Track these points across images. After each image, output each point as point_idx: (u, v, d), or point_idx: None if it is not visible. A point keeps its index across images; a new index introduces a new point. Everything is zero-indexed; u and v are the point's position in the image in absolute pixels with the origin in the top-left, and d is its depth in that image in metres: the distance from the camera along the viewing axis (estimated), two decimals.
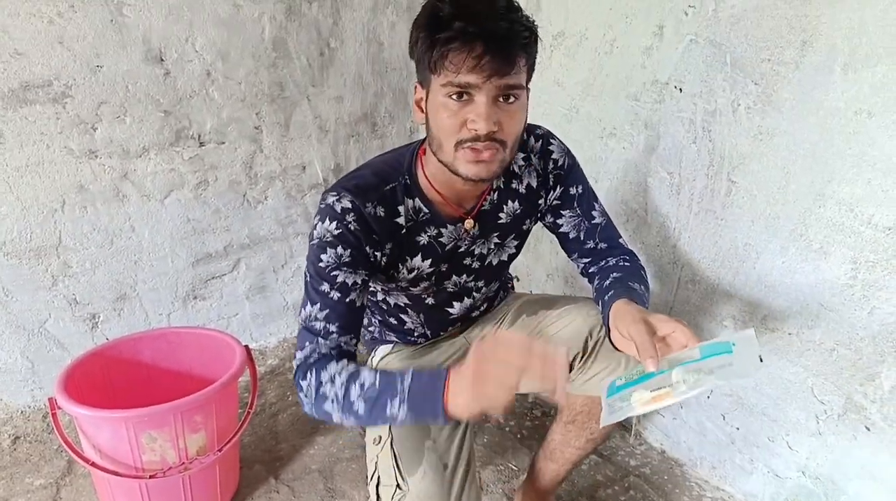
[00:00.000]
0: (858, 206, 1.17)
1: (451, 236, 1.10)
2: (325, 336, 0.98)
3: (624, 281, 1.09)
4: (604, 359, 1.14)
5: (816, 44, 1.17)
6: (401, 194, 1.04)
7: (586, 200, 1.19)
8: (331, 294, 0.99)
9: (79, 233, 1.73)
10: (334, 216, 0.98)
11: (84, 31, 1.58)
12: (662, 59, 1.44)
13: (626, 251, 1.21)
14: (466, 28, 0.84)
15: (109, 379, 1.49)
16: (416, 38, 0.92)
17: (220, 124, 1.85)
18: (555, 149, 1.15)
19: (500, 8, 0.87)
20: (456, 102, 0.90)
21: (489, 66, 0.86)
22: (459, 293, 1.22)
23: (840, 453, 1.31)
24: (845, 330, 1.24)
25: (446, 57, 0.87)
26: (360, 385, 0.90)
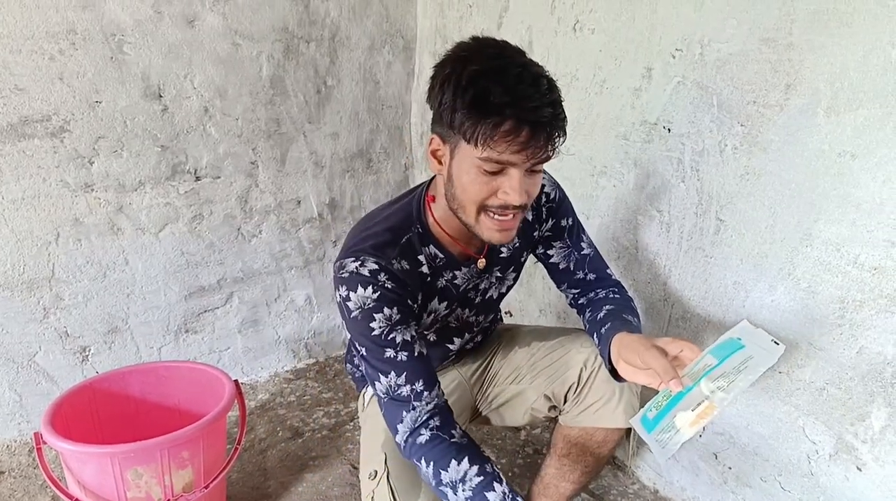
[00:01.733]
0: (845, 246, 1.18)
1: (465, 277, 1.12)
2: (417, 398, 0.97)
3: (618, 314, 1.10)
4: (598, 390, 1.15)
5: (800, 87, 1.20)
6: (417, 244, 1.05)
7: (576, 232, 1.22)
8: (398, 357, 0.98)
9: (72, 265, 1.73)
10: (366, 281, 0.96)
11: (84, 68, 1.61)
12: (651, 100, 1.47)
13: (614, 283, 1.22)
14: (518, 115, 0.84)
15: (97, 414, 1.48)
16: (451, 106, 0.88)
17: (217, 159, 1.87)
18: (546, 182, 1.18)
19: (544, 93, 0.87)
20: (490, 174, 0.91)
21: (533, 150, 0.87)
22: (461, 328, 1.22)
23: (832, 493, 1.30)
24: (834, 369, 1.24)
25: (493, 137, 0.86)
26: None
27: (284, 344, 2.24)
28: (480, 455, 0.96)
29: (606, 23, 1.54)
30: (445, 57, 0.91)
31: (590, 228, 1.67)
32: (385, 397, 0.99)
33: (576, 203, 1.70)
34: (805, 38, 1.17)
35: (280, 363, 2.25)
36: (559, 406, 1.21)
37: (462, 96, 0.86)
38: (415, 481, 1.06)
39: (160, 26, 1.68)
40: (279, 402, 2.05)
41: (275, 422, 1.94)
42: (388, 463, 1.09)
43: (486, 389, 1.31)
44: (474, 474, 0.92)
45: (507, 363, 1.29)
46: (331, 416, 1.97)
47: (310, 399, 2.07)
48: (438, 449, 0.95)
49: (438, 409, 0.98)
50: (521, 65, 0.87)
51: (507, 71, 0.85)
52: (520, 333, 1.33)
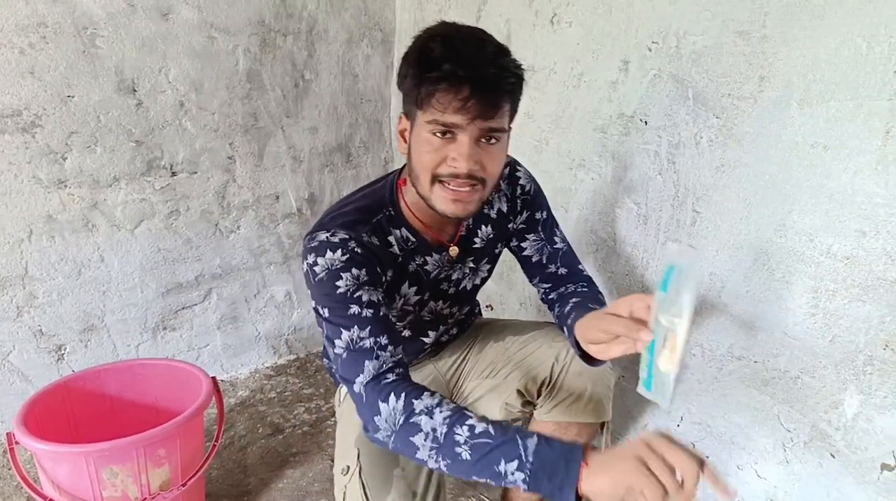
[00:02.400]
0: (818, 236, 1.20)
1: (436, 264, 1.11)
2: (382, 349, 0.91)
3: (583, 305, 1.11)
4: (570, 385, 1.15)
5: (773, 80, 1.21)
6: (387, 226, 1.05)
7: (549, 226, 1.22)
8: (363, 313, 0.93)
9: (46, 263, 1.70)
10: (335, 246, 0.95)
11: (56, 62, 1.58)
12: (628, 92, 1.48)
13: (584, 278, 1.23)
14: (455, 71, 0.86)
15: (72, 413, 1.46)
16: (405, 73, 0.93)
17: (193, 154, 1.85)
18: (521, 175, 1.19)
19: (489, 53, 0.89)
20: (439, 139, 0.92)
21: (474, 108, 0.87)
22: (435, 321, 1.22)
23: (807, 480, 1.32)
24: (808, 358, 1.26)
25: (433, 96, 0.88)
26: (470, 427, 0.82)
27: (265, 340, 2.22)
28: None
29: (583, 16, 1.54)
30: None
31: (568, 221, 1.69)
32: (345, 352, 0.93)
33: (554, 196, 1.71)
34: (778, 31, 1.18)
35: (260, 359, 2.24)
36: (533, 400, 1.21)
37: (409, 59, 0.92)
38: (386, 477, 1.05)
39: (133, 19, 1.65)
40: (259, 399, 2.04)
41: (255, 419, 1.93)
42: (360, 459, 1.08)
43: (462, 384, 1.31)
44: (447, 400, 0.88)
45: (483, 357, 1.29)
46: (311, 412, 1.96)
47: (290, 395, 2.06)
48: (408, 384, 0.90)
49: (403, 365, 0.93)
50: (472, 32, 0.91)
51: (455, 35, 0.90)
52: (495, 327, 1.33)
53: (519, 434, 0.81)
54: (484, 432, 0.81)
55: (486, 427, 0.82)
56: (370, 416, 0.90)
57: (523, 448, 0.79)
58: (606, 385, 1.20)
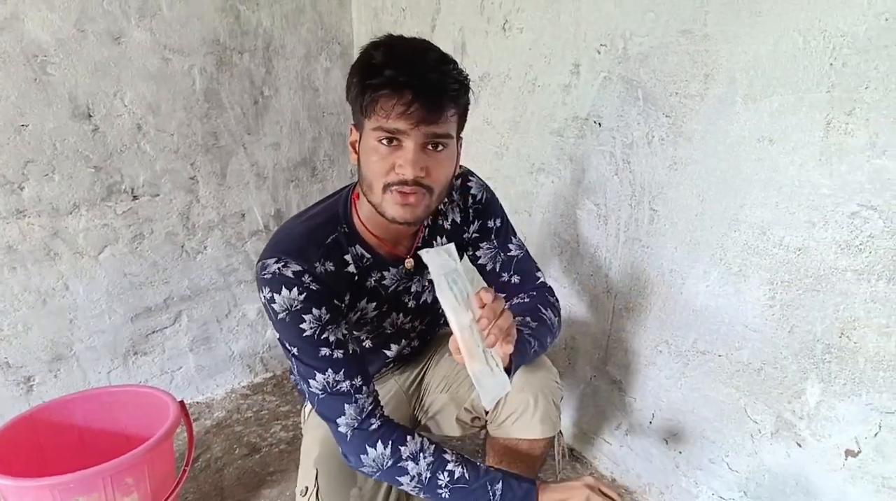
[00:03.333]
0: (770, 229, 1.21)
1: (393, 278, 1.12)
2: (358, 392, 0.98)
3: (528, 311, 1.11)
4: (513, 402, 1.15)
5: (718, 77, 1.22)
6: (344, 244, 1.05)
7: (503, 233, 1.22)
8: (334, 354, 0.98)
9: (8, 294, 1.68)
10: (290, 282, 0.95)
11: (6, 91, 1.56)
12: (581, 95, 1.49)
13: (539, 285, 1.23)
14: (397, 76, 0.87)
15: (39, 445, 1.44)
16: (350, 82, 0.95)
17: (154, 177, 1.84)
18: (473, 184, 1.19)
19: (431, 59, 0.90)
20: (386, 147, 0.92)
21: (417, 113, 0.88)
22: (397, 334, 1.22)
23: (776, 471, 1.33)
24: (769, 349, 1.27)
25: (377, 102, 0.89)
26: (450, 473, 0.97)
27: (239, 359, 2.21)
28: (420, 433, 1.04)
29: (533, 21, 1.55)
30: None
31: (532, 224, 1.69)
32: (322, 393, 0.98)
33: (517, 200, 1.72)
34: (719, 29, 1.20)
35: (236, 379, 2.22)
36: (481, 417, 1.21)
37: (353, 69, 0.93)
38: (343, 496, 1.06)
39: (84, 45, 1.64)
40: (236, 419, 2.02)
41: (231, 440, 1.91)
42: (318, 480, 1.08)
43: (423, 398, 1.31)
44: (427, 443, 1.00)
45: (438, 371, 1.29)
46: (288, 429, 1.95)
47: (267, 413, 2.05)
48: (392, 430, 0.99)
49: (377, 401, 1.02)
50: (416, 42, 0.93)
51: (397, 44, 0.92)
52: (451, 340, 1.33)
53: (489, 480, 0.98)
54: (461, 477, 0.97)
55: (463, 472, 0.98)
56: (356, 455, 0.99)
57: (492, 494, 0.97)
58: (551, 400, 1.17)
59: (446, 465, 0.97)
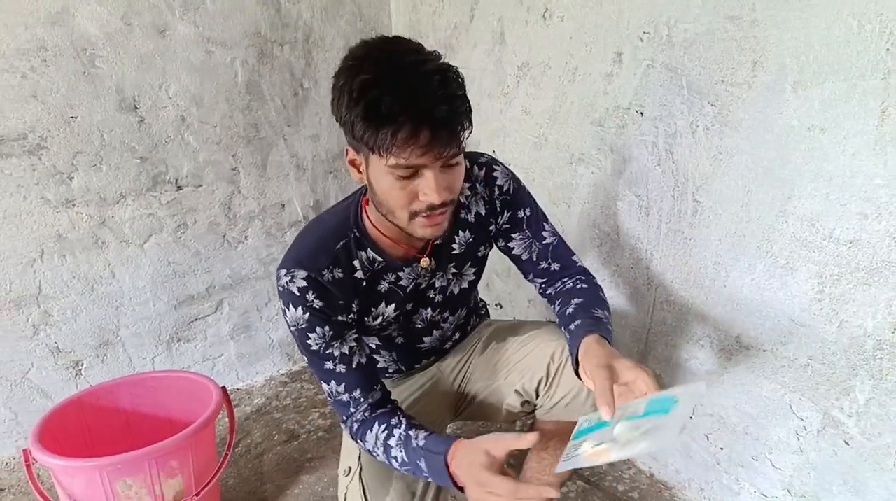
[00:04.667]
0: (819, 221, 1.18)
1: (409, 277, 1.11)
2: (355, 404, 1.05)
3: (587, 309, 1.09)
4: (567, 384, 1.14)
5: (766, 64, 1.19)
6: (354, 249, 1.06)
7: (535, 221, 1.19)
8: (337, 368, 1.04)
9: (58, 281, 1.74)
10: (296, 300, 1.00)
11: (57, 84, 1.61)
12: (623, 84, 1.46)
13: (579, 270, 1.21)
14: (412, 121, 0.82)
15: (89, 428, 1.49)
16: (349, 118, 0.87)
17: (197, 167, 1.88)
18: (499, 174, 1.15)
19: (436, 89, 0.84)
20: (405, 179, 0.90)
21: (437, 149, 0.86)
22: (428, 327, 1.22)
23: (823, 469, 1.30)
24: (817, 344, 1.24)
25: (393, 147, 0.84)
26: (395, 458, 1.00)
27: (278, 347, 2.24)
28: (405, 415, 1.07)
29: (575, 9, 1.53)
30: (339, 66, 0.88)
31: (571, 216, 1.68)
32: (329, 398, 1.08)
33: (555, 191, 1.71)
34: (768, 14, 1.16)
35: (275, 367, 2.26)
36: (532, 400, 1.21)
37: (355, 109, 0.84)
38: (385, 477, 1.08)
39: (131, 38, 1.68)
40: (275, 406, 2.06)
41: (270, 426, 1.95)
42: (361, 460, 1.11)
43: (466, 386, 1.31)
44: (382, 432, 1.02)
45: (484, 359, 1.28)
46: (326, 417, 1.97)
47: (305, 401, 2.08)
48: (361, 431, 1.05)
49: (372, 406, 1.06)
50: (411, 65, 0.84)
51: (395, 75, 0.83)
52: (498, 329, 1.32)
53: (417, 463, 0.97)
54: (404, 462, 0.99)
55: (404, 456, 0.99)
56: (362, 444, 1.07)
57: (424, 473, 0.97)
58: None
59: (391, 452, 1.00)
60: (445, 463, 0.92)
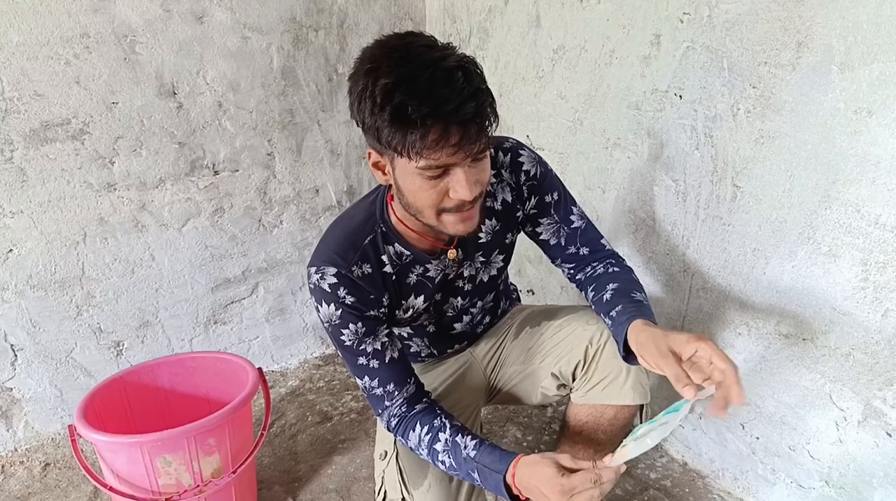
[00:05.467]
0: (865, 207, 1.14)
1: (437, 269, 1.12)
2: (389, 398, 1.07)
3: (625, 293, 1.08)
4: (605, 367, 1.13)
5: (812, 44, 1.15)
6: (381, 244, 1.06)
7: (563, 206, 1.17)
8: (370, 364, 1.05)
9: (100, 263, 1.79)
10: (328, 297, 1.01)
11: (99, 71, 1.64)
12: (661, 67, 1.44)
13: (609, 254, 1.20)
14: (441, 122, 0.81)
15: (130, 406, 1.53)
16: (374, 124, 0.85)
17: (234, 152, 1.90)
18: (525, 160, 1.13)
19: (461, 88, 0.81)
20: (435, 178, 0.89)
21: (466, 148, 0.85)
22: (458, 315, 1.23)
23: (862, 461, 1.27)
24: (860, 333, 1.21)
25: (423, 149, 0.83)
26: (442, 462, 1.01)
27: (312, 330, 2.27)
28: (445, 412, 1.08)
29: None
30: (355, 69, 0.87)
31: (606, 201, 1.66)
32: (364, 393, 1.09)
33: (590, 177, 1.69)
34: None
35: (309, 350, 2.29)
36: (568, 384, 1.20)
37: (381, 114, 0.82)
38: (423, 462, 1.08)
39: (170, 24, 1.70)
40: (309, 388, 2.09)
41: (304, 407, 1.98)
42: (397, 444, 1.11)
43: (500, 371, 1.31)
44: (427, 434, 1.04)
45: (518, 344, 1.28)
46: (359, 400, 2.00)
47: (338, 383, 2.11)
48: (402, 428, 1.07)
49: (407, 399, 1.07)
50: (431, 63, 0.81)
51: (417, 77, 0.80)
52: (531, 314, 1.32)
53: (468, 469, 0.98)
54: (451, 467, 1.01)
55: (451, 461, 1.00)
56: (402, 440, 1.09)
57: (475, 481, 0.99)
58: (643, 367, 1.17)
59: (438, 455, 1.01)
60: (505, 482, 0.94)
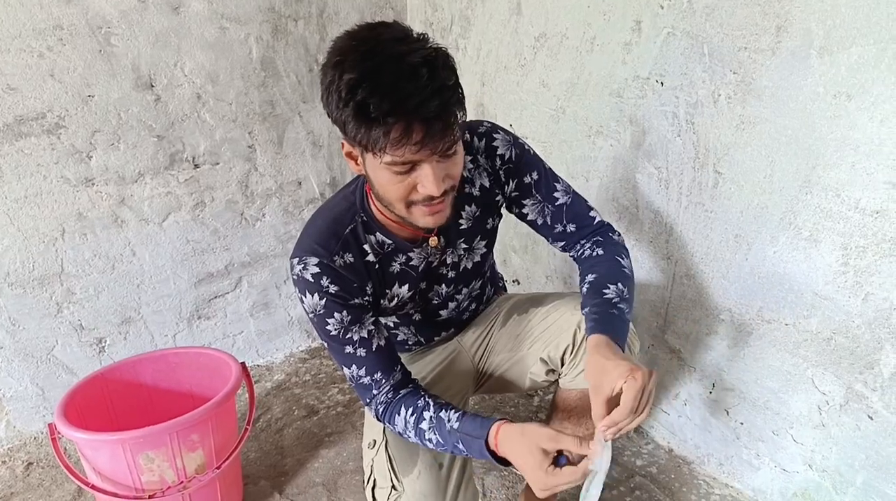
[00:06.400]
0: (845, 191, 1.15)
1: (420, 257, 1.11)
2: (377, 386, 1.06)
3: (598, 291, 1.06)
4: None
5: (791, 29, 1.15)
6: (362, 233, 1.05)
7: (545, 184, 1.15)
8: (357, 352, 1.04)
9: (80, 259, 1.76)
10: (312, 287, 1.00)
11: (74, 63, 1.61)
12: (642, 53, 1.43)
13: (597, 228, 1.17)
14: (403, 120, 0.80)
15: (111, 403, 1.52)
16: (340, 118, 0.84)
17: (214, 145, 1.88)
18: (499, 144, 1.11)
19: (425, 85, 0.80)
20: (402, 174, 0.88)
21: (431, 143, 0.84)
22: (444, 302, 1.22)
23: (845, 444, 1.28)
24: (841, 317, 1.21)
25: (386, 146, 0.82)
26: (429, 440, 1.01)
27: (297, 324, 2.26)
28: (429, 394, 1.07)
29: None
30: (326, 60, 0.85)
31: (589, 190, 1.66)
32: (351, 382, 1.08)
33: (574, 165, 1.69)
34: None
35: (294, 343, 2.28)
36: (557, 369, 1.20)
37: (345, 109, 0.82)
38: (412, 449, 1.08)
39: (145, 15, 1.67)
40: (295, 382, 2.08)
41: (290, 401, 1.97)
42: (386, 433, 1.11)
43: (488, 358, 1.30)
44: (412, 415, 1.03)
45: (506, 331, 1.28)
46: (345, 393, 1.99)
47: (325, 377, 2.10)
48: (388, 412, 1.06)
49: (394, 386, 1.07)
50: (397, 58, 0.80)
51: (382, 72, 0.79)
52: (519, 301, 1.31)
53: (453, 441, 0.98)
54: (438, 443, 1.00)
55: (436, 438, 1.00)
56: (390, 426, 1.08)
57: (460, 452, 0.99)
58: (631, 350, 1.17)
59: (424, 434, 1.01)
60: (488, 447, 0.94)
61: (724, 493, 1.52)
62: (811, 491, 1.37)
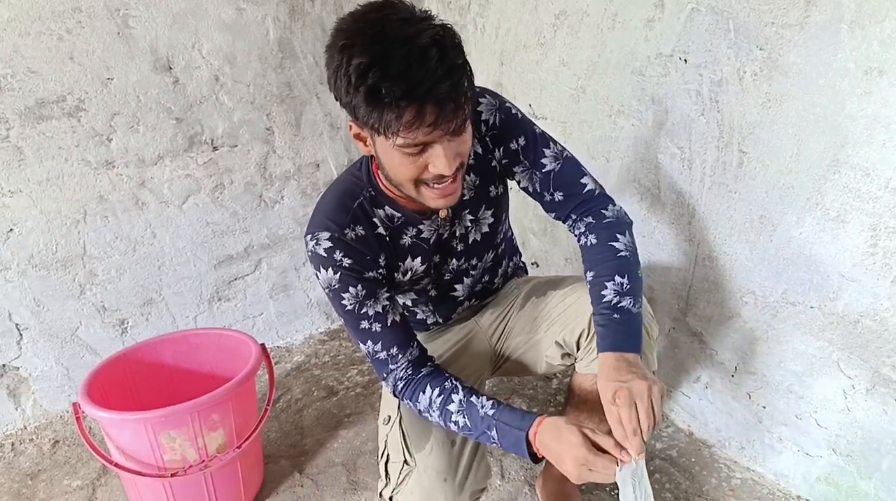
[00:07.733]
0: (874, 170, 1.11)
1: (431, 229, 1.11)
2: (393, 361, 1.05)
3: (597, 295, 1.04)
4: None
5: (820, 2, 1.11)
6: (370, 206, 1.05)
7: (532, 149, 1.11)
8: (372, 327, 1.04)
9: (102, 241, 1.78)
10: (325, 262, 1.00)
11: (93, 46, 1.62)
12: (665, 30, 1.39)
13: (585, 197, 1.13)
14: (416, 103, 0.80)
15: (134, 382, 1.54)
16: (350, 102, 0.84)
17: (232, 127, 1.88)
18: (483, 109, 1.08)
19: (435, 67, 0.79)
20: (414, 155, 0.88)
21: (444, 124, 0.84)
22: (457, 276, 1.22)
23: (870, 428, 1.26)
24: (868, 300, 1.18)
25: (399, 128, 0.82)
26: (455, 423, 1.00)
27: (316, 306, 2.27)
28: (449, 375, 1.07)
29: None
30: (331, 41, 0.84)
31: (610, 170, 1.63)
32: (368, 358, 1.08)
33: (594, 145, 1.66)
34: None
35: (314, 325, 2.29)
36: (573, 353, 1.19)
37: (356, 93, 0.81)
38: (426, 425, 1.09)
39: None
40: (314, 363, 2.09)
41: (310, 382, 1.98)
42: (401, 408, 1.12)
43: (505, 341, 1.30)
44: (438, 396, 1.03)
45: (524, 314, 1.27)
46: (364, 374, 2.00)
47: (343, 358, 2.11)
48: (410, 390, 1.06)
49: (412, 362, 1.06)
50: (406, 41, 0.79)
51: (392, 56, 0.78)
52: (537, 285, 1.30)
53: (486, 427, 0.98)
54: (465, 426, 1.00)
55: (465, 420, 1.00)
56: (410, 403, 1.07)
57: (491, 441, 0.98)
58: (649, 334, 1.15)
59: (451, 416, 1.01)
60: (527, 439, 0.94)
61: (744, 477, 1.51)
62: (835, 476, 1.35)
